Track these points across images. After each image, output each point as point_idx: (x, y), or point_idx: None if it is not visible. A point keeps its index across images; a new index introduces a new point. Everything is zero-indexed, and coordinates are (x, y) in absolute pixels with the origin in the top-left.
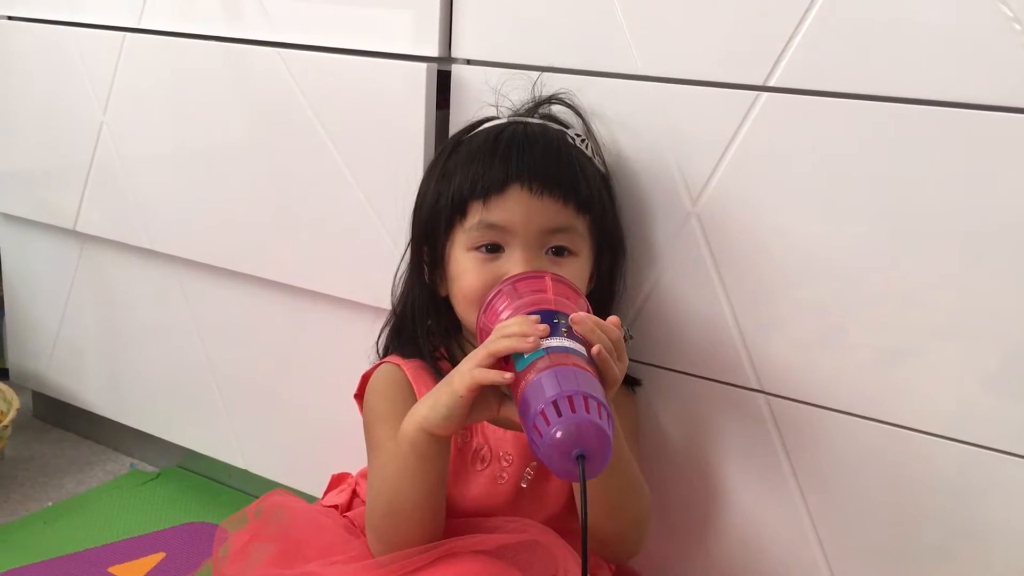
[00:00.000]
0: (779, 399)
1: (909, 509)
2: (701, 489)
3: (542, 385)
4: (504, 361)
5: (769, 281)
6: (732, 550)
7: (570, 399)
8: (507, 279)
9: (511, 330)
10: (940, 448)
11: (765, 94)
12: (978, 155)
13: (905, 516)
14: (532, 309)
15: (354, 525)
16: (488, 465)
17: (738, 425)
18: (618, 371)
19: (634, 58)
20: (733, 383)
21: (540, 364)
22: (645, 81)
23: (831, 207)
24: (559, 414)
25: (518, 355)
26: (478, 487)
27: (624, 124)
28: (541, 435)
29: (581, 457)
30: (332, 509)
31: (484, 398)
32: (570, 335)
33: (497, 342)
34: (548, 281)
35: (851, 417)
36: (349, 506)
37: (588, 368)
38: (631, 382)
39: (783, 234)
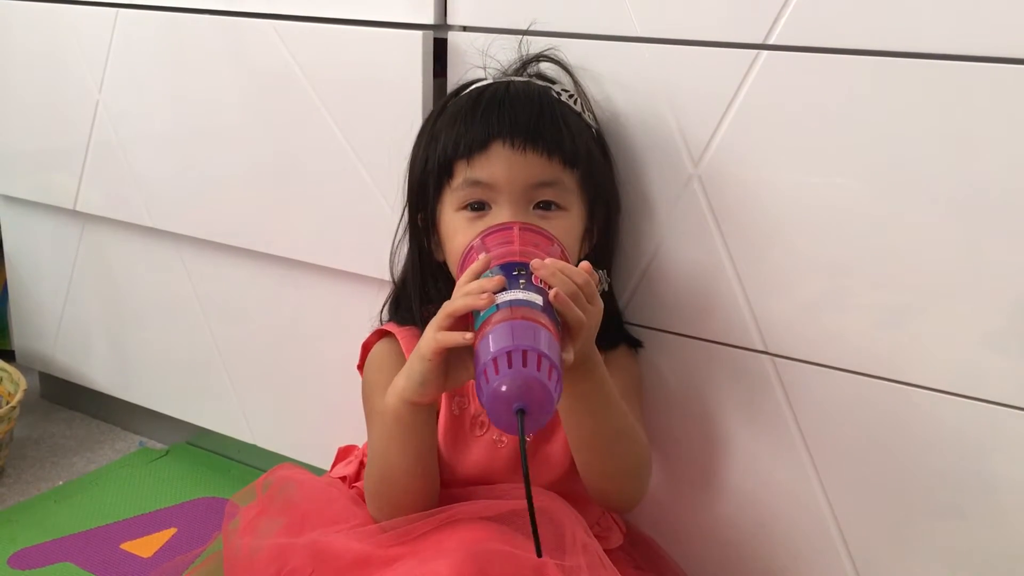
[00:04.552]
0: (785, 360)
1: (916, 465)
2: (709, 450)
3: (489, 341)
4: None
5: (773, 243)
6: (741, 509)
7: (509, 355)
8: (478, 235)
9: (467, 288)
10: (946, 404)
11: (765, 52)
12: (979, 108)
13: (912, 472)
14: (497, 263)
15: (361, 496)
16: (486, 431)
17: (745, 387)
18: (585, 315)
19: (632, 20)
20: (739, 345)
21: (494, 319)
22: (644, 43)
23: (834, 166)
24: (498, 370)
25: (477, 312)
26: (477, 453)
27: (624, 87)
28: (482, 390)
29: (521, 412)
30: (339, 480)
31: (458, 360)
32: (528, 286)
33: (453, 301)
34: (515, 232)
35: (857, 376)
36: (357, 477)
37: (542, 317)
38: (632, 343)
39: (785, 195)
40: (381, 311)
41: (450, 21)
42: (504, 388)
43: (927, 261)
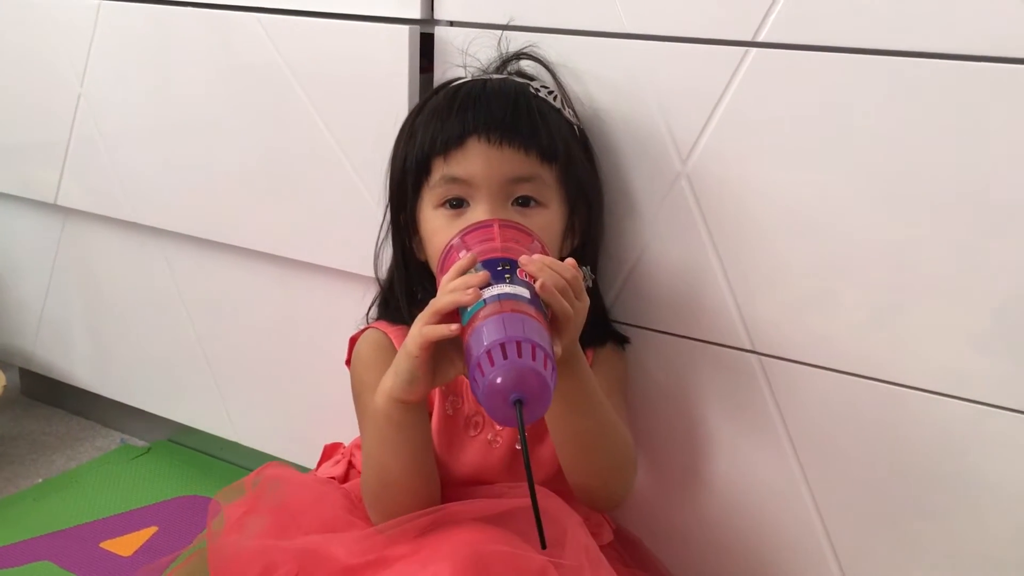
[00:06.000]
0: (772, 359)
1: (902, 464)
2: (695, 448)
3: (482, 333)
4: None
5: (760, 241)
6: (727, 507)
7: (503, 347)
8: (456, 233)
9: (453, 285)
10: (931, 404)
11: (754, 50)
12: (969, 107)
13: (898, 471)
14: (480, 260)
15: (351, 496)
16: (481, 431)
17: (732, 385)
18: (572, 308)
19: (620, 16)
20: (726, 344)
21: (483, 313)
22: (632, 39)
23: (823, 165)
24: (493, 362)
25: (464, 308)
26: (472, 453)
27: (612, 84)
28: (478, 384)
29: (519, 402)
30: (331, 480)
31: (445, 356)
32: (515, 280)
33: (441, 298)
34: (496, 229)
35: (843, 375)
36: (346, 477)
37: (531, 310)
38: (620, 339)
39: (774, 193)
40: (368, 313)
41: (437, 16)
42: (499, 380)
43: (914, 261)
